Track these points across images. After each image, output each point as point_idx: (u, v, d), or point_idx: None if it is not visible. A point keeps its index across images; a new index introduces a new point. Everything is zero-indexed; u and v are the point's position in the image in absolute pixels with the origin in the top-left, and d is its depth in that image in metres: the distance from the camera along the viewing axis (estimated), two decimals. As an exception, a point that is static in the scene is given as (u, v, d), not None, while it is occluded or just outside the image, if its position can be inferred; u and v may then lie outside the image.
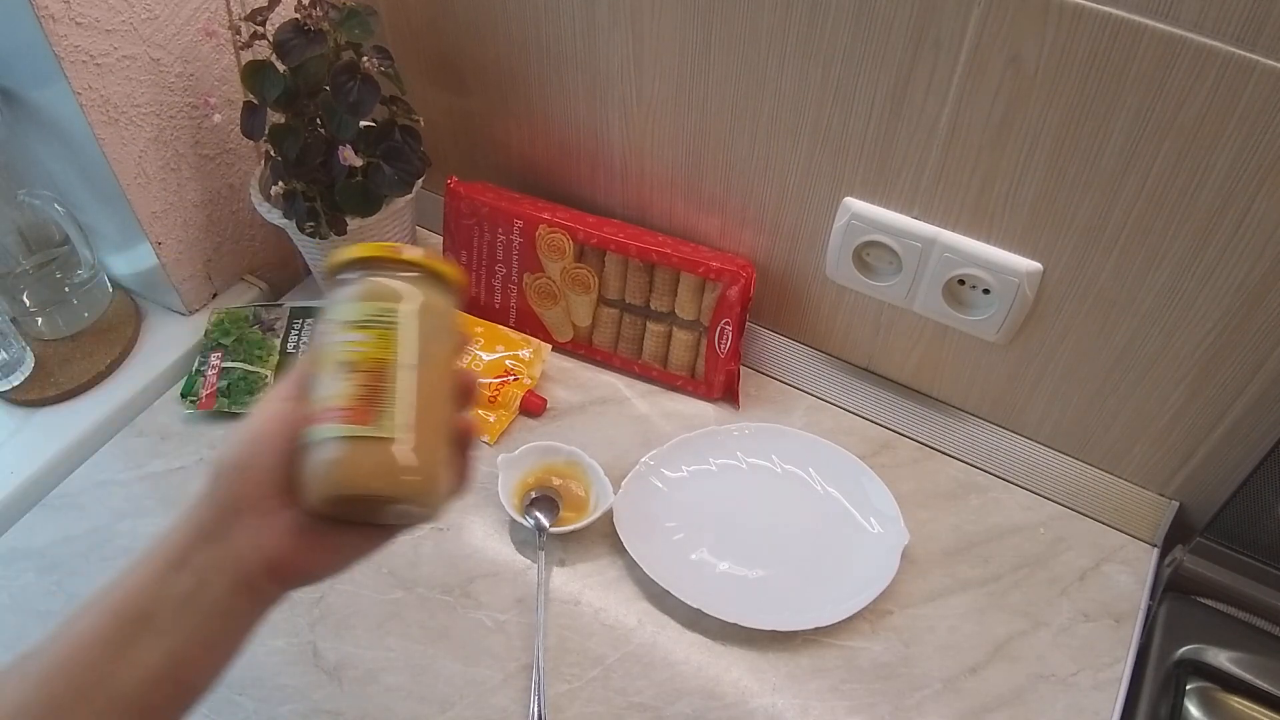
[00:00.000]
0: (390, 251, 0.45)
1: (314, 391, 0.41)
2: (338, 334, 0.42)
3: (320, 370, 0.42)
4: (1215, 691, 0.65)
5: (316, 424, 0.41)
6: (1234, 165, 0.55)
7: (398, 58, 0.78)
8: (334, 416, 0.40)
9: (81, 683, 0.38)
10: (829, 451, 0.78)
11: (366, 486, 0.40)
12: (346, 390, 0.41)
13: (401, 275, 0.44)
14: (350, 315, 0.43)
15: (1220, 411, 0.67)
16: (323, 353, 0.42)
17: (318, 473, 0.40)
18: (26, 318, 0.84)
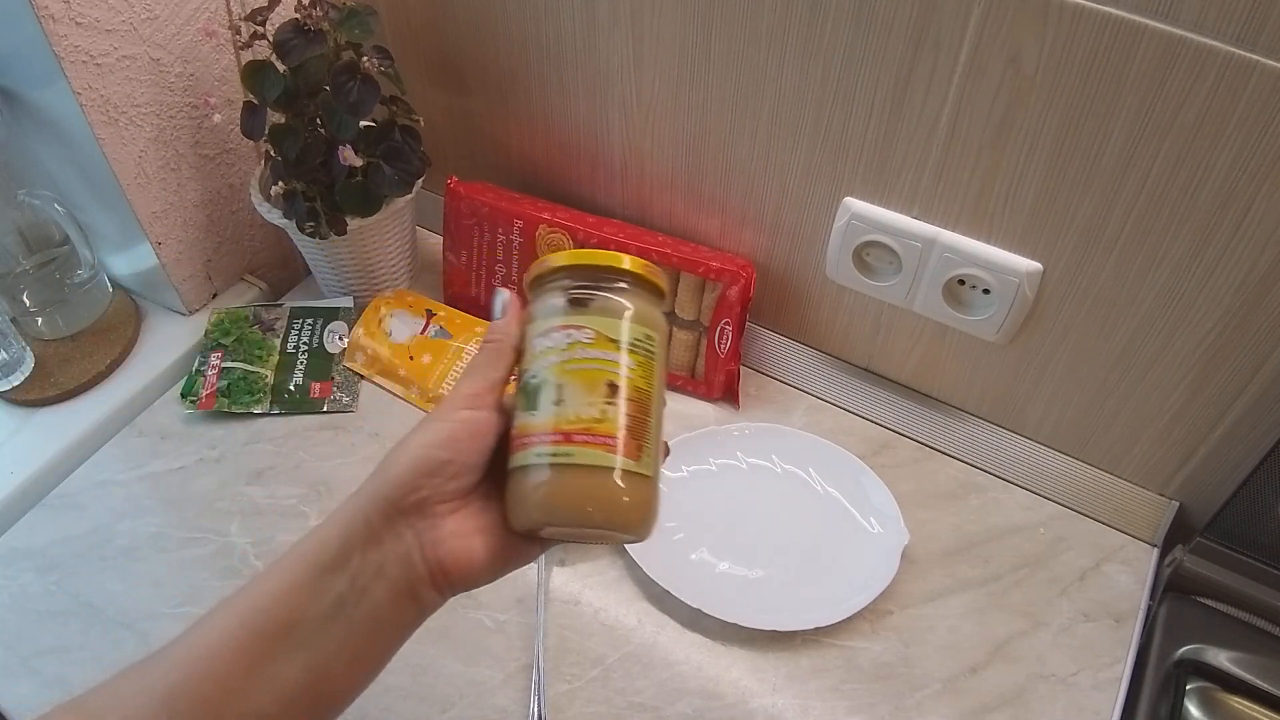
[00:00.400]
0: (656, 276, 0.42)
1: (554, 400, 0.39)
2: (599, 349, 0.39)
3: (570, 380, 0.39)
4: (1215, 691, 0.65)
5: (569, 443, 0.38)
6: (1234, 165, 0.55)
7: (398, 58, 0.78)
8: (599, 442, 0.38)
9: (211, 701, 0.35)
10: (829, 451, 0.78)
11: (624, 524, 0.39)
12: (614, 417, 0.39)
13: (659, 300, 0.43)
14: (617, 334, 0.40)
15: (1220, 411, 0.67)
16: (573, 362, 0.39)
17: (575, 496, 0.38)
18: (26, 318, 0.84)
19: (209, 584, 0.71)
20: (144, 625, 0.68)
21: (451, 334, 0.86)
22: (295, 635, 0.36)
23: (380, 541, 0.37)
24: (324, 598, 0.36)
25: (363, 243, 0.85)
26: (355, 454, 0.79)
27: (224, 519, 0.75)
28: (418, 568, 0.38)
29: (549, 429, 0.39)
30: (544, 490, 0.38)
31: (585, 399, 0.39)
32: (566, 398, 0.39)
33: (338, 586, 0.36)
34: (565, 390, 0.39)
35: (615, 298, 0.41)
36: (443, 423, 0.39)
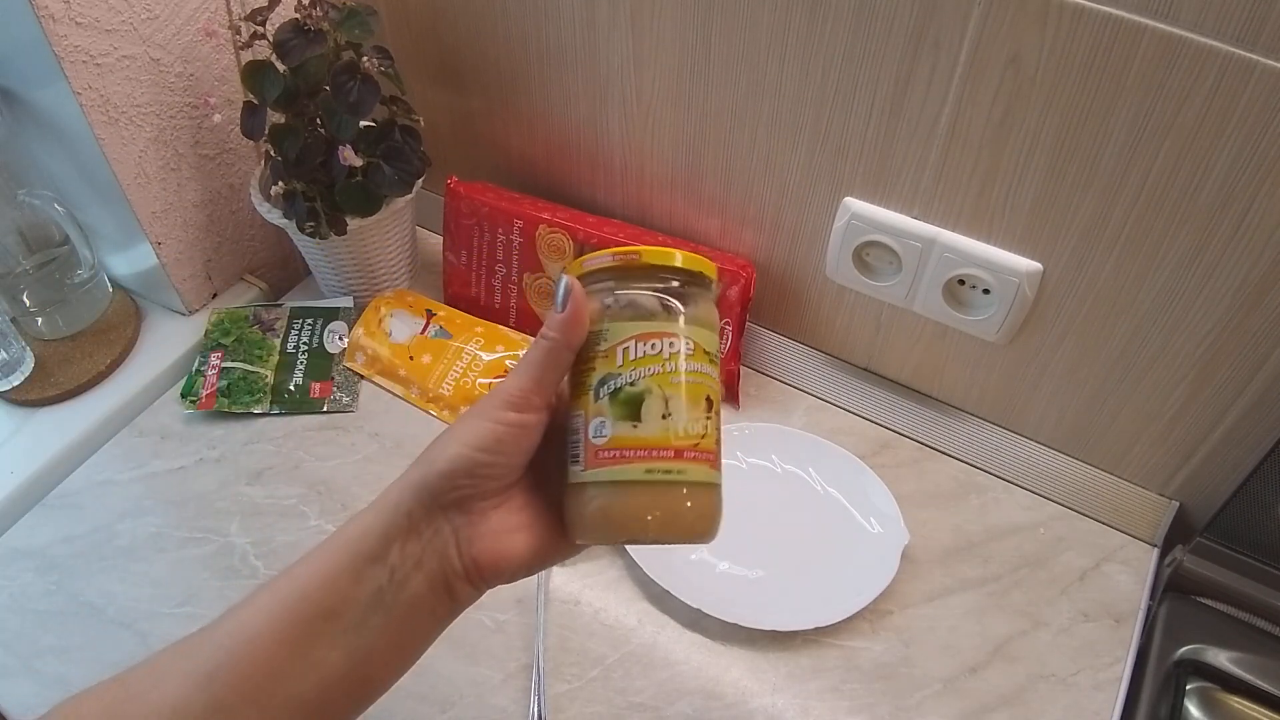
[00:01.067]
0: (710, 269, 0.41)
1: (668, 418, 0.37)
2: (699, 362, 0.38)
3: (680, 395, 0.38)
4: (1215, 691, 0.65)
5: (680, 459, 0.37)
6: (1234, 165, 0.55)
7: (398, 58, 0.78)
8: (704, 459, 0.38)
9: (252, 684, 0.35)
10: (829, 451, 0.78)
11: (711, 532, 0.39)
12: (712, 433, 0.38)
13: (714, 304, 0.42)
14: (710, 346, 0.39)
15: (1220, 411, 0.67)
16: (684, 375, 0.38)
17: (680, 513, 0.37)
18: (26, 318, 0.84)
19: (209, 584, 0.71)
20: (144, 625, 0.68)
21: (451, 334, 0.86)
22: (337, 621, 0.36)
23: (419, 534, 0.38)
24: (365, 586, 0.37)
25: (363, 243, 0.85)
26: (355, 454, 0.79)
27: (224, 519, 0.75)
28: (454, 562, 0.38)
29: (659, 444, 0.37)
30: (651, 506, 0.37)
31: (692, 414, 0.38)
32: (674, 412, 0.38)
33: (378, 576, 0.37)
34: (673, 404, 0.38)
35: (697, 303, 0.40)
36: (488, 423, 0.38)
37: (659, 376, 0.38)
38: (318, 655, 0.36)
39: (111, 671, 0.37)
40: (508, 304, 0.88)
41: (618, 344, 0.39)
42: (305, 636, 0.36)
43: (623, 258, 0.40)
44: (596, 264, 0.40)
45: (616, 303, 0.40)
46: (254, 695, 0.35)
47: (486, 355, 0.84)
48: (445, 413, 0.82)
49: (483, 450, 0.38)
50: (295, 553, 0.72)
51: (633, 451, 0.37)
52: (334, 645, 0.36)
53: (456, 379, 0.83)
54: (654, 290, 0.40)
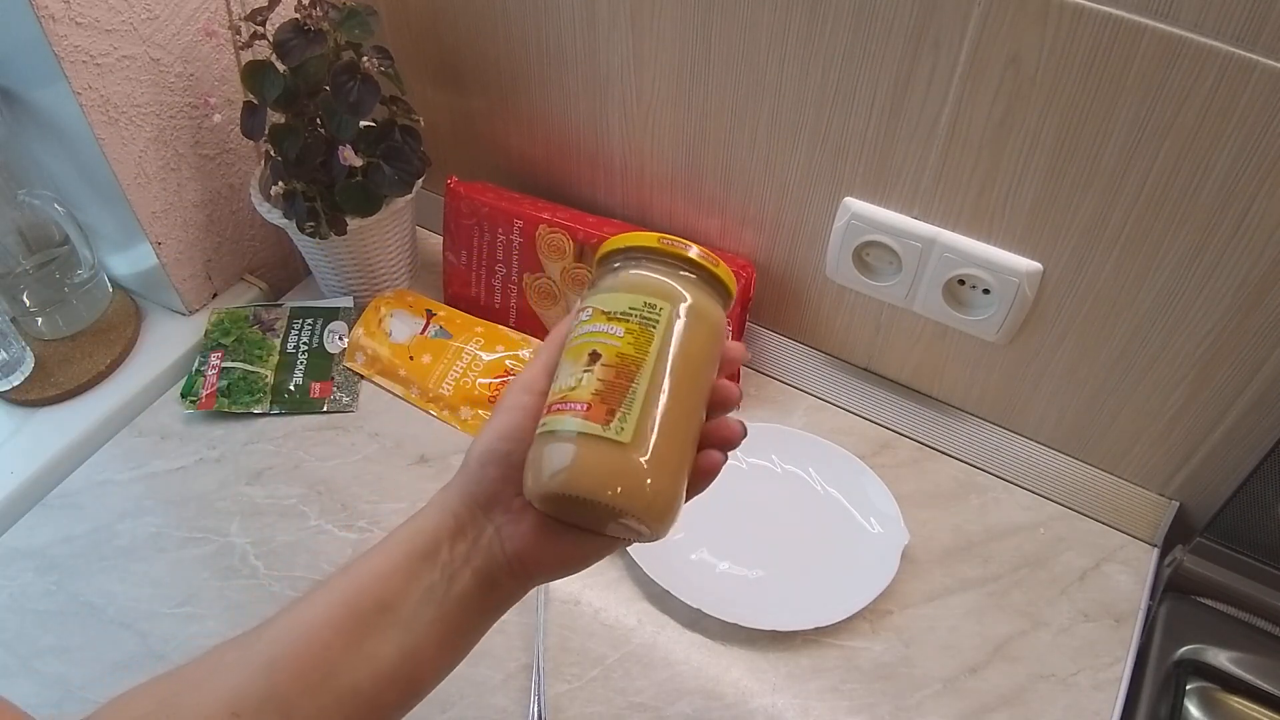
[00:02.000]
0: (671, 246, 0.42)
1: (555, 379, 0.39)
2: (593, 323, 0.40)
3: (566, 358, 0.40)
4: (1215, 691, 0.65)
5: (549, 414, 0.38)
6: (1234, 165, 0.55)
7: (398, 58, 0.78)
8: (568, 409, 0.38)
9: (309, 675, 0.36)
10: (829, 451, 0.78)
11: (588, 490, 0.37)
12: (588, 384, 0.38)
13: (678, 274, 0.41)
14: (610, 305, 0.40)
15: (1220, 411, 0.67)
16: (573, 339, 0.40)
17: (542, 466, 0.38)
18: (26, 318, 0.84)
19: (209, 584, 0.71)
20: (143, 625, 0.68)
21: (451, 334, 0.86)
22: (391, 616, 0.37)
23: (465, 534, 0.39)
24: (419, 583, 0.38)
25: (363, 243, 0.85)
26: (355, 454, 0.79)
27: (224, 519, 0.75)
28: (498, 558, 0.39)
29: (550, 403, 0.39)
30: (532, 462, 0.38)
31: (568, 370, 0.39)
32: (559, 373, 0.40)
33: (430, 574, 0.38)
34: (561, 367, 0.40)
35: (620, 274, 0.41)
36: (505, 413, 0.40)
37: (565, 345, 0.41)
38: (372, 648, 0.37)
39: (111, 671, 0.37)
40: (508, 304, 0.88)
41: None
42: (361, 629, 0.37)
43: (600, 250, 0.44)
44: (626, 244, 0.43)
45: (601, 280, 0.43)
46: (310, 686, 0.36)
47: (486, 355, 0.84)
48: (445, 413, 0.82)
49: (505, 439, 0.39)
50: (295, 553, 0.72)
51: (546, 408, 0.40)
52: (388, 639, 0.37)
53: (456, 379, 0.83)
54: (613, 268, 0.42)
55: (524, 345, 0.85)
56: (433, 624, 0.38)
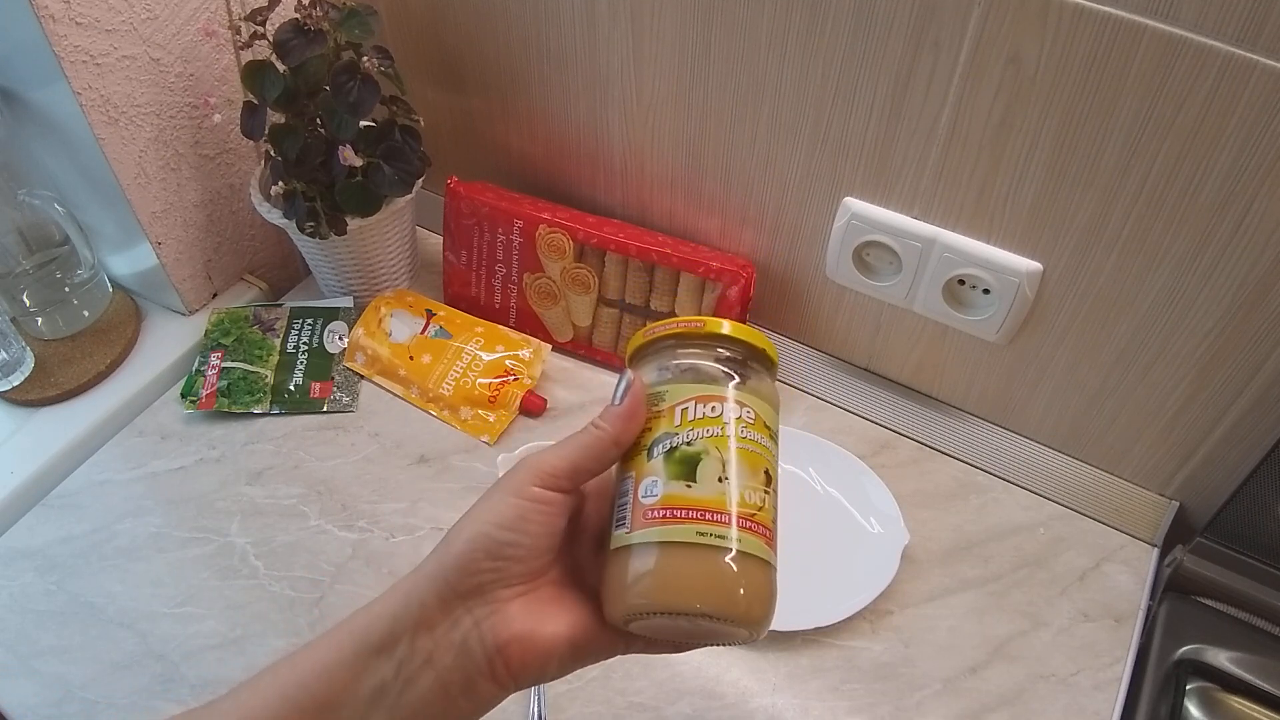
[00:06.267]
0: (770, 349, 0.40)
1: (725, 482, 0.35)
2: (757, 432, 0.36)
3: (741, 461, 0.35)
4: (1215, 691, 0.65)
5: (744, 531, 0.34)
6: (1234, 165, 0.55)
7: (398, 58, 0.78)
8: (758, 532, 0.35)
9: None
10: (829, 451, 0.78)
11: (763, 620, 0.35)
12: (768, 508, 0.35)
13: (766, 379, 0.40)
14: (769, 419, 0.37)
15: (1220, 411, 0.67)
16: (742, 443, 0.36)
17: (732, 587, 0.34)
18: (26, 318, 0.84)
19: (209, 584, 0.71)
20: (144, 625, 0.68)
21: (451, 334, 0.86)
22: (334, 716, 0.33)
23: (433, 626, 0.34)
24: (367, 681, 0.33)
25: (363, 243, 0.85)
26: (355, 454, 0.79)
27: (224, 519, 0.75)
28: (475, 657, 0.34)
29: (714, 508, 0.34)
30: (699, 574, 0.34)
31: (750, 482, 0.35)
32: (731, 476, 0.35)
33: (383, 671, 0.33)
34: (731, 469, 0.35)
35: (763, 379, 0.39)
36: (511, 498, 0.35)
37: (717, 439, 0.36)
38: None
39: (111, 671, 0.37)
40: (508, 304, 0.88)
41: (676, 404, 0.37)
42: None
43: (685, 325, 0.40)
44: (660, 331, 0.40)
45: (677, 367, 0.39)
46: None
47: (486, 355, 0.84)
48: (445, 413, 0.82)
49: (504, 528, 0.35)
50: (295, 553, 0.72)
51: (685, 511, 0.34)
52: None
53: (456, 379, 0.83)
54: (715, 358, 0.39)
55: (524, 345, 0.85)
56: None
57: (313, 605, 0.69)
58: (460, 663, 0.34)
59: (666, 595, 0.34)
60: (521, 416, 0.82)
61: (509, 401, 0.82)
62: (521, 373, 0.83)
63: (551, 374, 0.86)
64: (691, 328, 0.39)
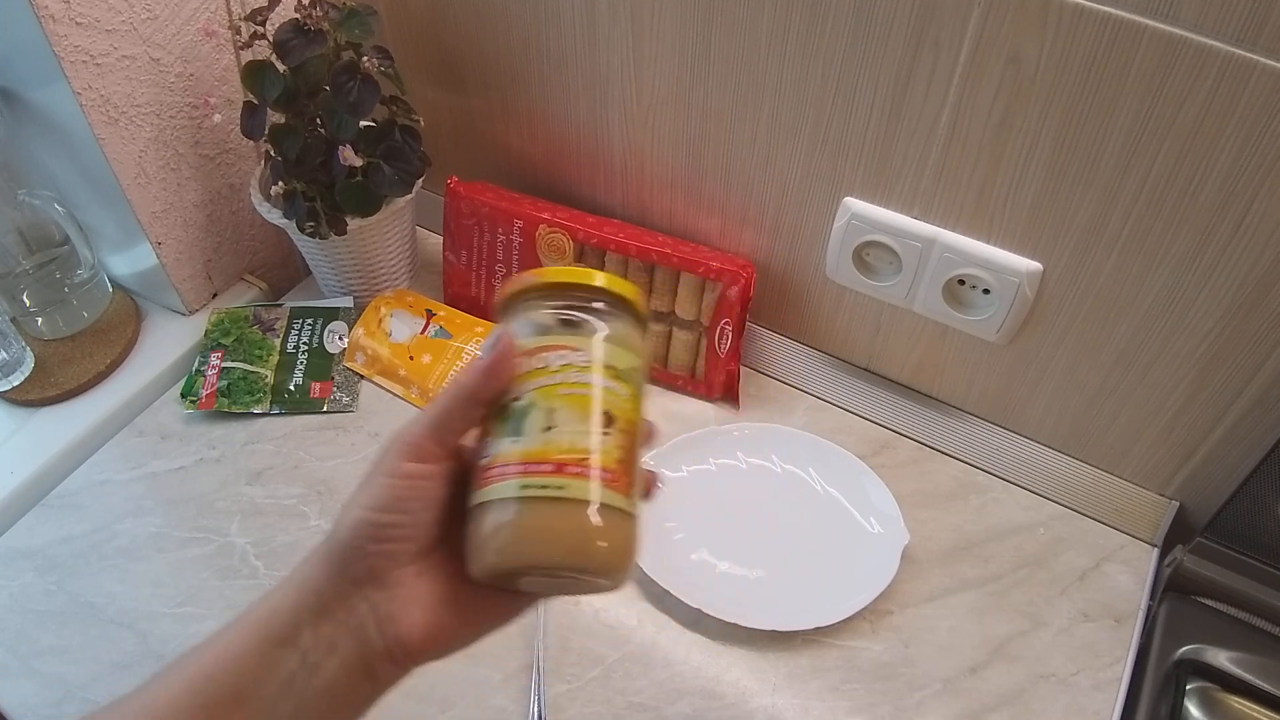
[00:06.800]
0: (639, 298, 0.39)
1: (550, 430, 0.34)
2: (596, 375, 0.36)
3: (565, 408, 0.35)
4: (1215, 691, 0.65)
5: (558, 475, 0.34)
6: (1234, 165, 0.55)
7: (398, 58, 0.78)
8: (591, 475, 0.34)
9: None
10: (829, 451, 0.78)
11: (614, 565, 0.34)
12: (611, 450, 0.35)
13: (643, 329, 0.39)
14: (616, 361, 0.36)
15: (1220, 411, 0.67)
16: (566, 388, 0.35)
17: (560, 536, 0.34)
18: (26, 318, 0.84)
19: (208, 584, 0.71)
20: (143, 625, 0.68)
21: (451, 334, 0.86)
22: (244, 708, 0.33)
23: (332, 614, 0.34)
24: (275, 672, 0.33)
25: (363, 243, 0.85)
26: (355, 454, 0.79)
27: (224, 519, 0.75)
28: (373, 643, 0.34)
29: (537, 458, 0.34)
30: (528, 527, 0.34)
31: (580, 427, 0.35)
32: (559, 424, 0.35)
33: (289, 662, 0.34)
34: (557, 416, 0.35)
35: (606, 321, 0.37)
36: (384, 479, 0.35)
37: (545, 389, 0.35)
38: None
39: (111, 671, 0.37)
40: (508, 304, 0.88)
41: (521, 359, 0.37)
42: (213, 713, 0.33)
43: (515, 282, 0.39)
44: (514, 288, 0.39)
45: (517, 325, 0.38)
46: None
47: (486, 355, 0.84)
48: (445, 413, 0.82)
49: (383, 510, 0.34)
50: (295, 553, 0.72)
51: (510, 466, 0.34)
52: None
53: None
54: (555, 308, 0.38)
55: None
56: (293, 718, 0.34)
57: (313, 605, 0.69)
58: (360, 650, 0.34)
59: (504, 552, 0.34)
60: (521, 416, 0.82)
61: (509, 401, 0.81)
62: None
63: (551, 374, 0.86)
64: (520, 285, 0.38)
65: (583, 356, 0.36)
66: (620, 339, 0.37)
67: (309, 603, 0.34)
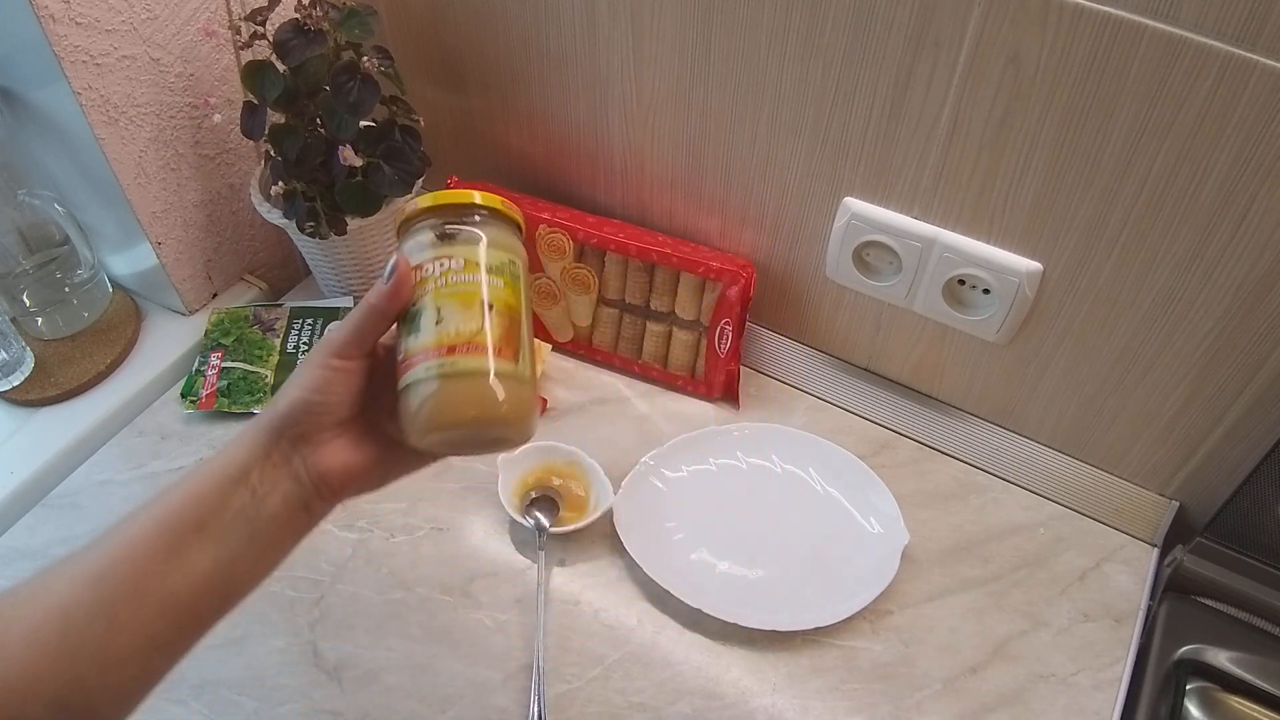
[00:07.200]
0: (505, 207, 0.48)
1: (427, 326, 0.44)
2: (469, 273, 0.45)
3: (450, 304, 0.44)
4: (1215, 691, 0.65)
5: (453, 355, 0.43)
6: (1234, 165, 0.55)
7: (398, 58, 0.78)
8: (479, 351, 0.43)
9: (133, 585, 0.41)
10: (829, 451, 0.78)
11: (509, 419, 0.44)
12: (492, 329, 0.44)
13: (516, 231, 0.48)
14: (486, 259, 0.45)
15: (1220, 411, 0.67)
16: (450, 288, 0.45)
17: (462, 403, 0.43)
18: (26, 318, 0.84)
19: (209, 584, 0.71)
20: (144, 625, 0.68)
21: (451, 334, 0.86)
22: (206, 534, 0.42)
23: (273, 463, 0.44)
24: (230, 505, 0.43)
25: (363, 243, 0.85)
26: (355, 454, 0.79)
27: (224, 519, 0.75)
28: (305, 484, 0.44)
29: (432, 346, 0.43)
30: (433, 400, 0.43)
31: (463, 315, 0.44)
32: (445, 317, 0.44)
33: (241, 496, 0.43)
34: (444, 311, 0.44)
35: (477, 230, 0.46)
36: (317, 369, 0.45)
37: (432, 292, 0.45)
38: (189, 562, 0.42)
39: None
40: (508, 304, 0.88)
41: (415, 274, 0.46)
42: (179, 545, 0.42)
43: (401, 211, 0.48)
44: (403, 215, 0.48)
45: (408, 246, 0.47)
46: (135, 594, 0.41)
47: (486, 355, 0.84)
48: (445, 413, 0.82)
49: (314, 391, 0.44)
50: (295, 553, 0.72)
51: (414, 357, 0.44)
52: (204, 553, 0.42)
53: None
54: (432, 227, 0.46)
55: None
56: (245, 541, 0.43)
57: (313, 605, 0.69)
58: (296, 488, 0.44)
59: (427, 420, 0.43)
60: (521, 416, 0.82)
61: (509, 401, 0.82)
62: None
63: (552, 374, 0.86)
64: (405, 213, 0.48)
65: (458, 261, 0.45)
66: (492, 241, 0.46)
67: (256, 454, 0.44)
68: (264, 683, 0.65)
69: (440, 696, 0.64)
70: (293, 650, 0.67)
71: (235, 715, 0.63)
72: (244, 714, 0.63)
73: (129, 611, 0.40)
